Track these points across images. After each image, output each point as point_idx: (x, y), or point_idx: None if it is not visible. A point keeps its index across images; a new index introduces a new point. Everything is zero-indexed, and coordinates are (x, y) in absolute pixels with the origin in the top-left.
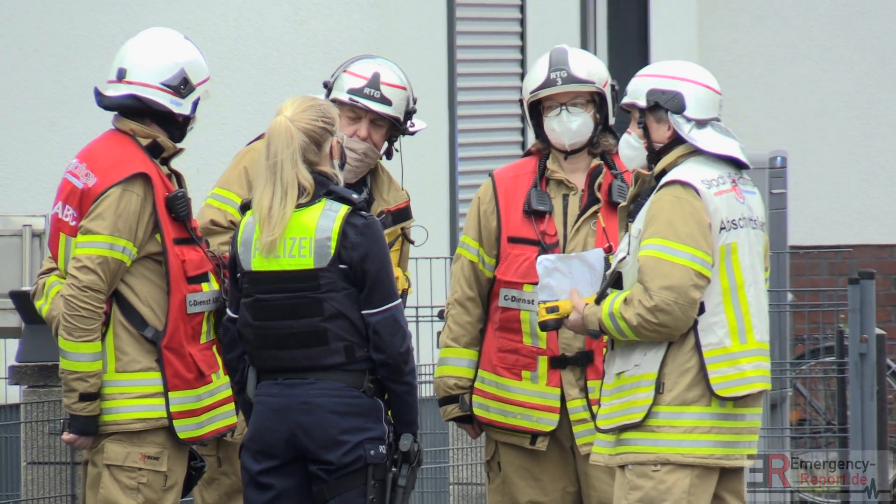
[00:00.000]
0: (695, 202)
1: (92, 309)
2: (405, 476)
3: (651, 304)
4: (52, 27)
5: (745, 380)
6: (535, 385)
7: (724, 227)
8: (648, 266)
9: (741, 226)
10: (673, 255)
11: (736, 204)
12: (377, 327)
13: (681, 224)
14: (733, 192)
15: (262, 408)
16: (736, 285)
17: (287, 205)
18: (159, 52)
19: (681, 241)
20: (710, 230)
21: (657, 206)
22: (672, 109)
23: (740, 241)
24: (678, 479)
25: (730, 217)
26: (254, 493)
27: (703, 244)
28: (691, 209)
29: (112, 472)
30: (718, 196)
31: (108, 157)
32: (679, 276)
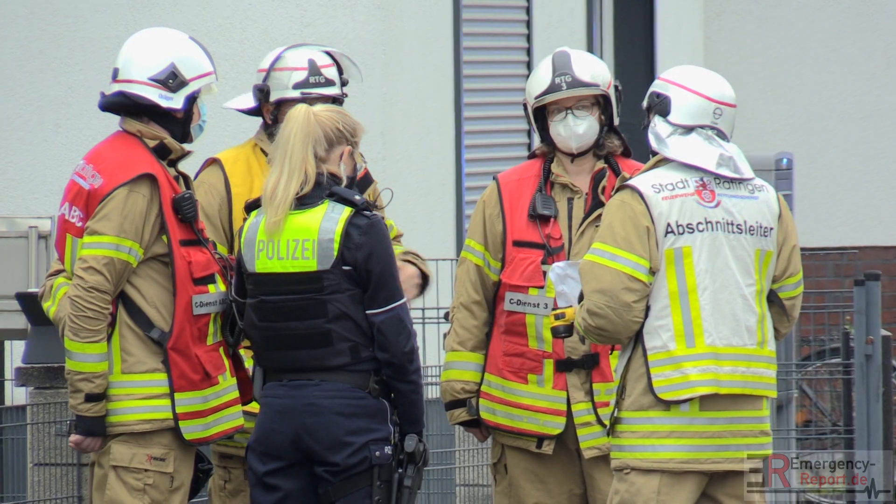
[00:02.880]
0: (636, 206)
1: (98, 310)
2: (411, 476)
3: (587, 307)
4: (58, 29)
5: (688, 384)
6: (541, 388)
7: (673, 231)
8: (584, 270)
9: (700, 230)
10: (606, 259)
11: (696, 207)
12: (381, 327)
13: (619, 228)
14: (695, 195)
15: (267, 409)
16: (686, 289)
17: (290, 188)
18: (149, 49)
19: (616, 245)
20: (648, 234)
21: (606, 211)
22: (658, 112)
23: (696, 245)
24: (645, 482)
25: (682, 220)
26: (260, 494)
27: (639, 247)
28: (631, 213)
29: (118, 474)
30: (667, 200)
31: (115, 158)
32: (609, 280)
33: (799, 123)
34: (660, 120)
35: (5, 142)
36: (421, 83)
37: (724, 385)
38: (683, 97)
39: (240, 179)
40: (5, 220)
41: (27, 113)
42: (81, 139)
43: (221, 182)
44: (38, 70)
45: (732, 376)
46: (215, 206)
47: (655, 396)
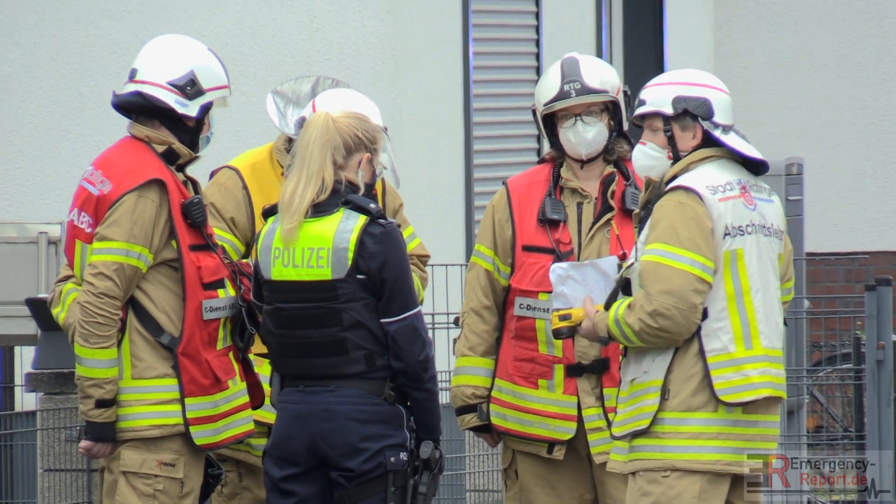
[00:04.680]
0: (697, 207)
1: (108, 315)
2: (426, 483)
3: (651, 309)
4: (68, 35)
5: (751, 385)
6: (551, 394)
7: (729, 233)
8: (648, 271)
9: (749, 232)
10: (673, 260)
11: (744, 210)
12: (396, 336)
13: (682, 229)
14: (742, 198)
15: (283, 415)
16: (741, 291)
17: (307, 195)
18: (170, 54)
19: (681, 246)
20: (712, 235)
21: (660, 212)
22: (702, 116)
23: (747, 248)
24: (688, 485)
25: (735, 223)
26: (276, 499)
27: (705, 249)
28: (693, 214)
29: (128, 479)
30: (723, 202)
31: (124, 163)
32: (678, 281)
33: (809, 128)
34: (706, 123)
35: (16, 147)
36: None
37: (778, 388)
38: (720, 97)
39: (258, 189)
40: (15, 226)
41: (37, 119)
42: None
43: (239, 187)
44: (47, 76)
45: (780, 379)
46: (230, 206)
47: (715, 397)
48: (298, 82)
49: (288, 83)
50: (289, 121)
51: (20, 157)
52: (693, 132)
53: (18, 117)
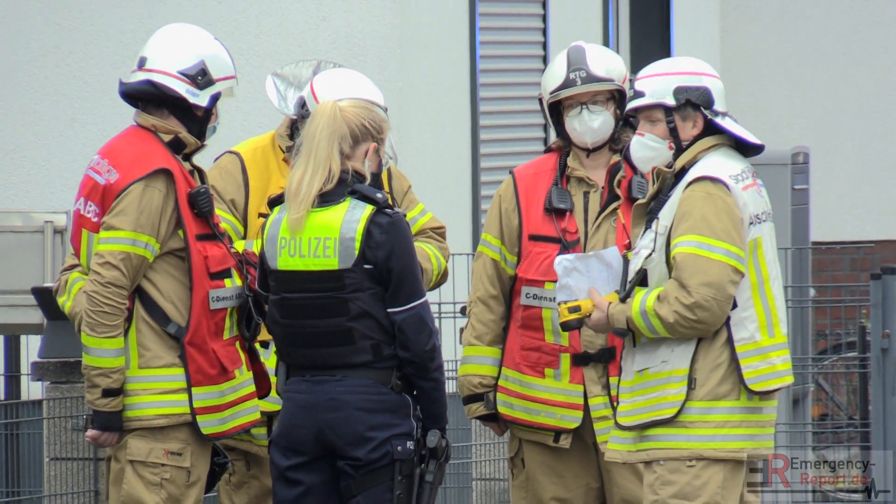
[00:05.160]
0: (727, 198)
1: (115, 305)
2: (433, 472)
3: (691, 301)
4: (73, 24)
5: (777, 373)
6: (558, 383)
7: (753, 223)
8: (686, 263)
9: (763, 220)
10: (710, 252)
11: (758, 198)
12: (402, 325)
13: (715, 220)
14: (754, 186)
15: (290, 404)
16: (763, 279)
17: (314, 184)
18: (180, 43)
19: (716, 237)
20: (741, 225)
21: (689, 203)
22: (703, 105)
23: (764, 236)
24: (713, 473)
25: (755, 212)
26: (282, 489)
27: (738, 239)
28: (724, 205)
29: (135, 468)
30: (745, 191)
31: (130, 152)
32: (717, 273)
33: (815, 118)
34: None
35: (21, 136)
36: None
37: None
38: (717, 85)
39: (257, 174)
40: (21, 215)
41: (42, 108)
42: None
43: (239, 170)
44: (53, 65)
45: (791, 365)
46: (230, 189)
47: (742, 385)
48: (299, 66)
49: (289, 66)
50: (288, 103)
51: (25, 147)
52: (694, 121)
53: (24, 106)
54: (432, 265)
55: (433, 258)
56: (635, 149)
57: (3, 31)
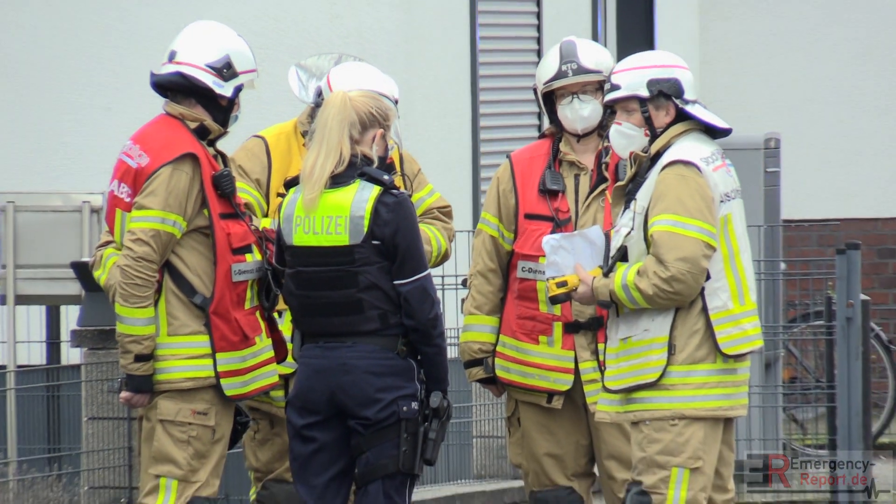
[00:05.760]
0: (698, 179)
1: (146, 277)
2: (435, 430)
3: (668, 275)
4: (108, 22)
5: (748, 338)
6: (550, 349)
7: (723, 200)
8: (663, 240)
9: (733, 197)
10: (684, 229)
11: (728, 178)
12: (408, 296)
13: (688, 199)
14: (724, 167)
15: (305, 368)
16: (733, 252)
17: (327, 166)
18: (208, 39)
19: (690, 216)
20: (713, 203)
21: (664, 185)
22: (674, 95)
23: (734, 212)
24: (694, 431)
25: (725, 190)
26: (298, 445)
27: (709, 217)
28: (696, 185)
29: (165, 427)
30: (715, 171)
31: (160, 138)
32: (691, 248)
33: (786, 107)
34: (678, 101)
35: (61, 125)
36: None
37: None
38: (686, 76)
39: (280, 156)
40: (61, 196)
41: (81, 98)
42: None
43: (264, 153)
44: (90, 59)
45: (760, 329)
46: (256, 169)
47: (717, 350)
48: (322, 58)
49: (312, 58)
50: (309, 92)
51: (65, 133)
52: (666, 110)
53: (64, 97)
54: (432, 247)
55: (433, 240)
56: (614, 136)
57: (46, 30)
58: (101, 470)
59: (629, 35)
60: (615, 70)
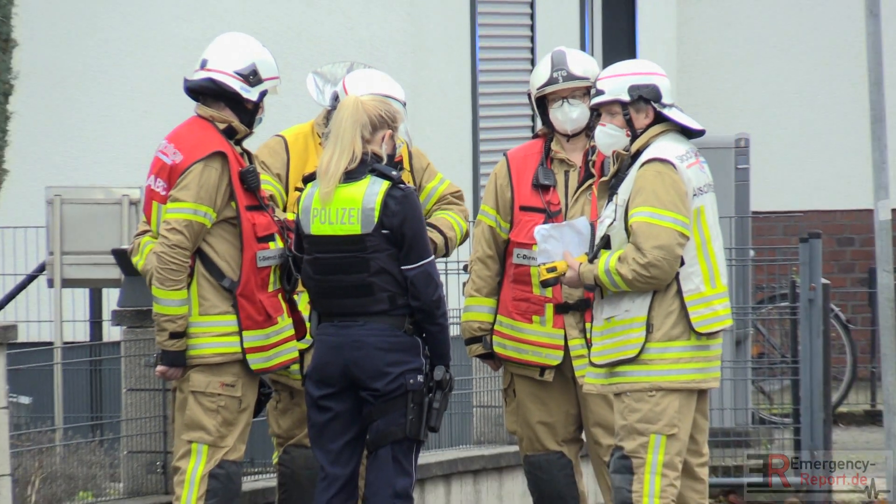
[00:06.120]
0: (674, 175)
1: (180, 263)
2: (439, 400)
3: (645, 261)
4: (145, 34)
5: (719, 317)
6: (543, 327)
7: (696, 194)
8: (641, 230)
9: (705, 191)
10: (660, 220)
11: (701, 174)
12: (414, 280)
13: (664, 194)
14: (697, 164)
15: (321, 345)
16: (705, 240)
17: (341, 164)
18: (236, 48)
19: (665, 208)
20: (686, 197)
21: (643, 180)
22: (653, 99)
23: (706, 204)
24: (670, 401)
25: (697, 185)
26: (315, 414)
27: (683, 209)
28: (671, 181)
29: (196, 397)
30: (689, 168)
31: (192, 138)
32: (666, 237)
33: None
34: (657, 105)
35: (104, 126)
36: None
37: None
38: (664, 82)
39: (297, 154)
40: (103, 190)
41: (122, 102)
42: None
43: (283, 150)
44: (130, 68)
45: (730, 310)
46: (277, 165)
47: (690, 328)
48: (336, 66)
49: (327, 66)
50: (325, 96)
51: (107, 134)
52: (646, 113)
53: (106, 102)
54: (455, 232)
55: (455, 225)
56: (599, 137)
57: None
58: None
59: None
60: (600, 77)
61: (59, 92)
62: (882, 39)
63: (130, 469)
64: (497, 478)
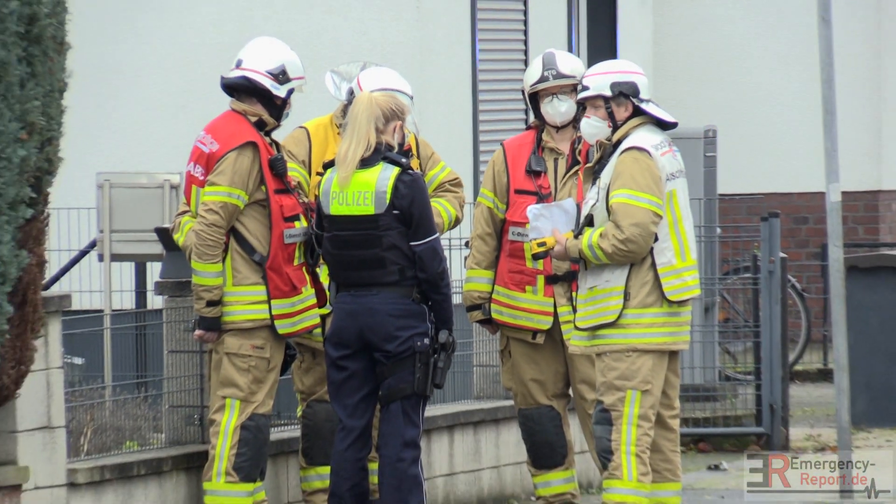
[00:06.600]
0: (649, 162)
1: (216, 240)
2: (443, 360)
3: (623, 237)
4: (184, 37)
5: (688, 287)
6: (535, 296)
7: (669, 179)
8: (620, 210)
9: (677, 176)
10: (637, 201)
11: (673, 161)
12: (421, 254)
13: (640, 178)
14: (670, 152)
15: (339, 312)
16: (677, 219)
17: (357, 152)
18: (268, 50)
19: (641, 190)
20: (660, 181)
21: (622, 166)
22: (632, 94)
23: (678, 188)
24: (645, 361)
25: (670, 171)
26: (334, 373)
27: (657, 192)
28: (647, 167)
29: (230, 358)
30: (663, 156)
31: (227, 129)
32: (642, 216)
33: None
34: (634, 99)
35: (147, 119)
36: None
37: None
38: (642, 80)
39: (318, 143)
40: (147, 175)
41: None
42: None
43: (306, 140)
44: (170, 66)
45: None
46: (301, 153)
47: (662, 297)
48: (351, 65)
49: (343, 65)
50: (342, 92)
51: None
52: (626, 107)
53: (150, 98)
54: (443, 219)
55: (444, 213)
56: (584, 127)
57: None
58: (178, 392)
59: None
60: (586, 75)
61: (107, 89)
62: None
63: (171, 421)
64: (495, 429)
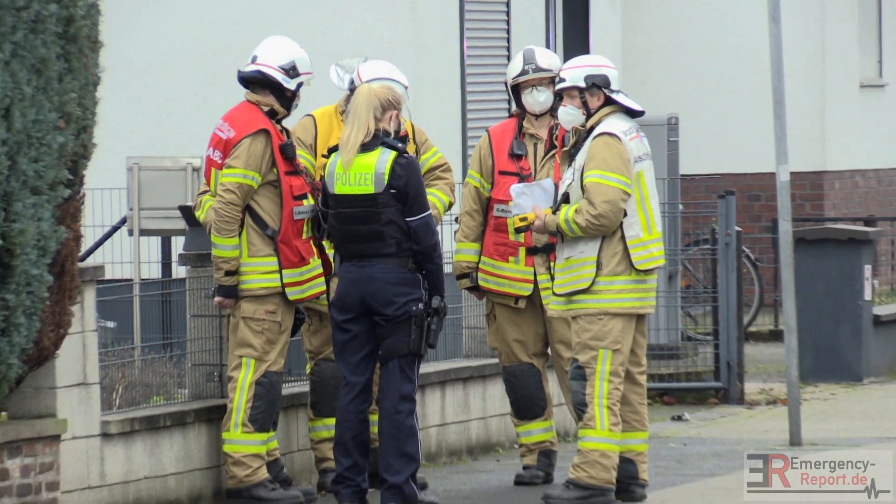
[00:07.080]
0: (619, 146)
1: (233, 216)
2: (436, 324)
3: (596, 213)
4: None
5: (654, 258)
6: (517, 266)
7: (636, 161)
8: (593, 188)
9: (644, 159)
10: (608, 181)
11: (641, 145)
12: (416, 229)
13: (611, 160)
14: (638, 137)
15: (343, 280)
16: (644, 197)
17: (358, 138)
18: (280, 47)
19: (612, 171)
20: (629, 163)
21: (595, 149)
22: (604, 86)
23: (645, 169)
24: (615, 323)
25: (638, 154)
26: (338, 334)
27: (626, 172)
28: (617, 150)
29: (245, 322)
30: (631, 141)
31: (242, 118)
32: (613, 194)
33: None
34: (605, 90)
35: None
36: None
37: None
38: (613, 73)
39: (324, 129)
40: (171, 159)
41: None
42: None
43: (313, 127)
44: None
45: (662, 252)
46: (308, 139)
47: (631, 266)
48: (353, 59)
49: (346, 59)
50: (345, 83)
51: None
52: (598, 97)
53: (174, 89)
54: (439, 210)
55: (438, 204)
56: (561, 115)
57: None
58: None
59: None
60: (562, 68)
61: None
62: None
63: (193, 378)
64: (482, 384)
